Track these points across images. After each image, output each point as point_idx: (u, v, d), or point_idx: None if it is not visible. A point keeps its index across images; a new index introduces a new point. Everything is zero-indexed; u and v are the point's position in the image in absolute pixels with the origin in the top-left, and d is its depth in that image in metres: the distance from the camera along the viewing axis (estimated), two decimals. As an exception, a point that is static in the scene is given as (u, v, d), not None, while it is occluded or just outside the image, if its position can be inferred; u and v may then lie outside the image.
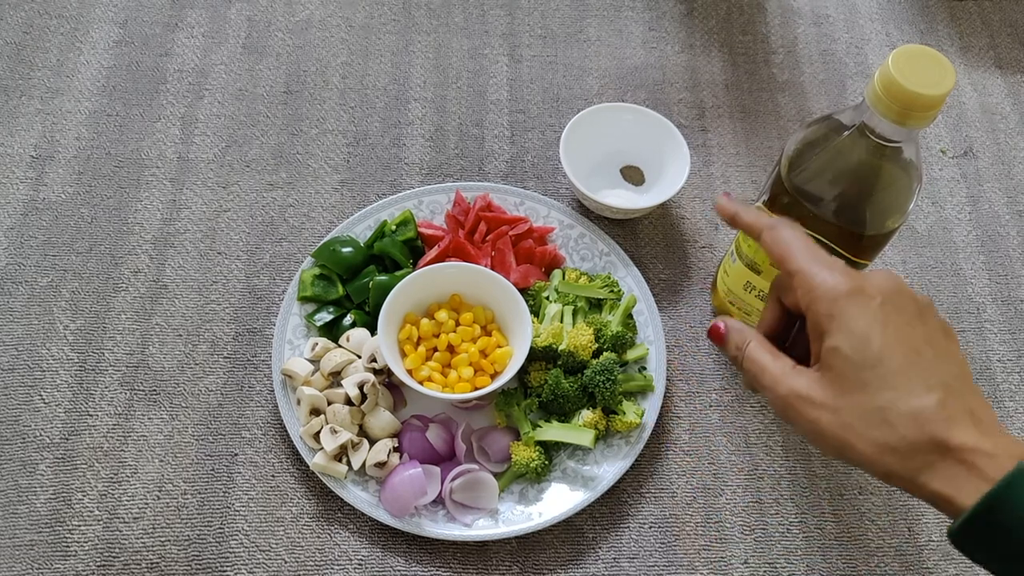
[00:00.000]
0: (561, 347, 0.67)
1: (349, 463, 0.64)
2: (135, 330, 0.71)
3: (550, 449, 0.66)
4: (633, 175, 0.80)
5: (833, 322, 0.38)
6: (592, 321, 0.68)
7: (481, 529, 0.62)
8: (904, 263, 0.78)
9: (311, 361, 0.68)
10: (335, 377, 0.67)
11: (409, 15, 0.91)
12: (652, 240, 0.78)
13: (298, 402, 0.66)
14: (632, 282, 0.73)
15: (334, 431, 0.64)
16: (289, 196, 0.78)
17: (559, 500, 0.64)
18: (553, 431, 0.65)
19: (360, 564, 0.63)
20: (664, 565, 0.64)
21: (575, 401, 0.66)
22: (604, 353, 0.67)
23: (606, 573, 0.63)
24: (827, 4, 0.95)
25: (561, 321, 0.69)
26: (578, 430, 0.65)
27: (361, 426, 0.66)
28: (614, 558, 0.64)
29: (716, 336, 0.45)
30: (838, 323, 0.38)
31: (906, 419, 0.36)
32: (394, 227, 0.74)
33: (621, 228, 0.78)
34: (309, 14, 0.90)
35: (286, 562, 0.63)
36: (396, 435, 0.66)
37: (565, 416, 0.67)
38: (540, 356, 0.68)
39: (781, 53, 0.91)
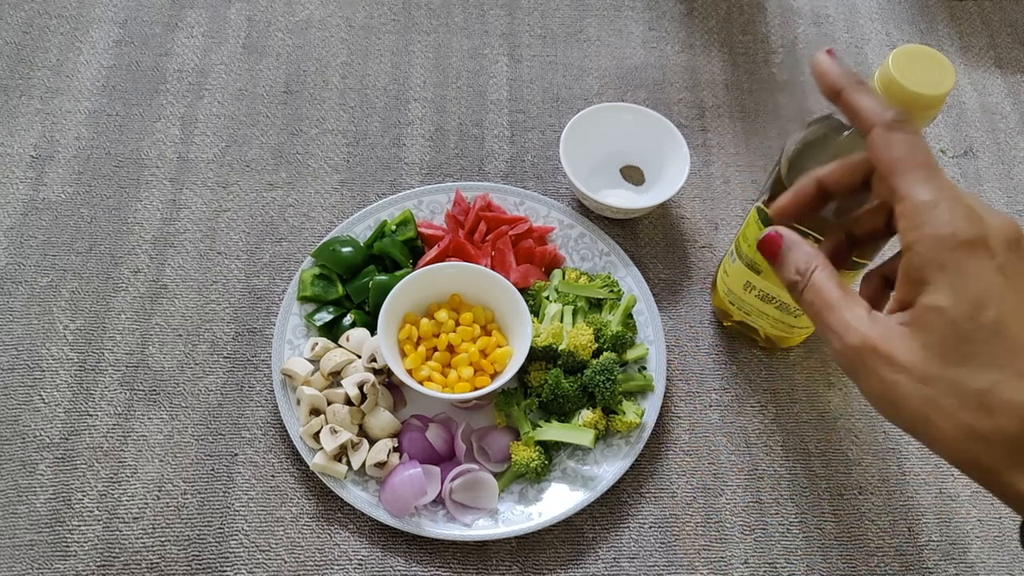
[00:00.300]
0: (561, 347, 0.67)
1: (349, 463, 0.64)
2: (135, 330, 0.71)
3: (550, 449, 0.66)
4: (633, 175, 0.80)
5: (943, 274, 0.31)
6: (592, 321, 0.68)
7: (481, 529, 0.62)
8: (904, 263, 0.78)
9: (311, 361, 0.68)
10: (335, 377, 0.67)
11: (409, 15, 0.91)
12: (652, 240, 0.78)
13: (298, 402, 0.66)
14: (632, 282, 0.72)
15: (334, 431, 0.64)
16: (289, 196, 0.78)
17: (559, 500, 0.64)
18: (553, 431, 0.65)
19: (360, 564, 0.63)
20: (664, 565, 0.64)
21: (575, 401, 0.66)
22: (604, 353, 0.67)
23: (606, 573, 0.63)
24: (827, 4, 0.95)
25: (561, 321, 0.69)
26: (578, 430, 0.65)
27: (361, 426, 0.66)
28: (614, 558, 0.64)
29: (770, 248, 0.37)
30: (949, 277, 0.31)
31: (1011, 408, 0.30)
32: (394, 227, 0.74)
33: (621, 228, 0.78)
34: (309, 14, 0.90)
35: (286, 562, 0.63)
36: (396, 435, 0.66)
37: (565, 416, 0.67)
38: (540, 356, 0.68)
39: (781, 53, 0.91)
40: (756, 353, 0.73)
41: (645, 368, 0.69)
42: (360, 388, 0.65)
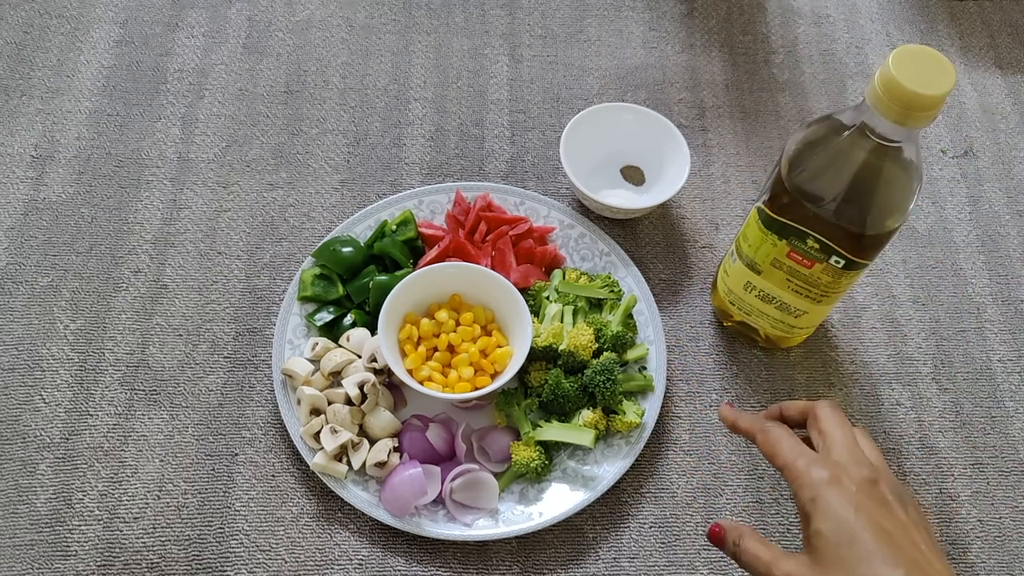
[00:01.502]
0: (561, 347, 0.67)
1: (349, 463, 0.64)
2: (135, 330, 0.71)
3: (550, 449, 0.66)
4: (633, 175, 0.81)
5: (815, 507, 0.45)
6: (592, 321, 0.68)
7: (481, 529, 0.62)
8: (904, 263, 0.78)
9: (311, 361, 0.68)
10: (335, 377, 0.67)
11: (409, 15, 0.91)
12: (652, 240, 0.78)
13: (298, 402, 0.66)
14: (632, 282, 0.73)
15: (334, 431, 0.64)
16: (289, 196, 0.78)
17: (559, 500, 0.64)
18: (553, 431, 0.65)
19: (360, 564, 0.63)
20: (664, 565, 0.64)
21: (575, 401, 0.66)
22: (604, 353, 0.67)
23: (606, 573, 0.63)
24: (827, 4, 0.95)
25: (561, 321, 0.69)
26: (578, 430, 0.65)
27: (361, 426, 0.66)
28: (614, 558, 0.64)
29: (715, 537, 0.51)
30: (820, 508, 0.45)
31: None
32: (394, 227, 0.74)
33: (621, 228, 0.78)
34: (309, 14, 0.90)
35: (286, 562, 0.63)
36: (396, 435, 0.66)
37: (565, 416, 0.67)
38: (540, 356, 0.68)
39: (781, 53, 0.91)
40: (756, 353, 0.73)
41: (645, 368, 0.69)
42: (360, 388, 0.65)
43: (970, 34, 0.93)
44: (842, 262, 0.58)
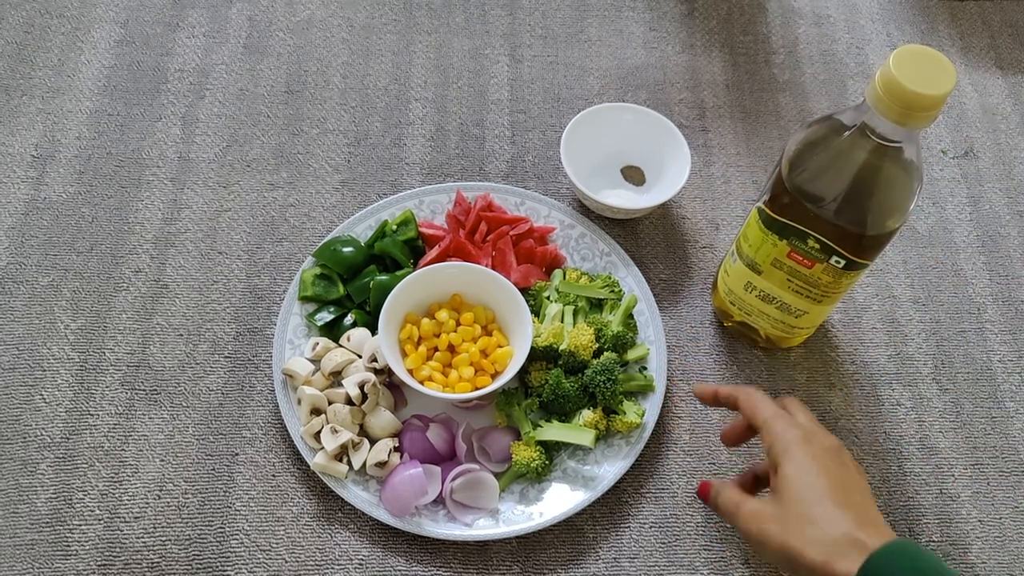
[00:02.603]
0: (562, 347, 0.67)
1: (350, 463, 0.64)
2: (136, 329, 0.71)
3: (551, 449, 0.66)
4: (634, 175, 0.81)
5: (786, 456, 0.52)
6: (593, 321, 0.69)
7: (482, 529, 0.62)
8: (904, 263, 0.78)
9: (312, 361, 0.68)
10: (336, 377, 0.67)
11: (410, 15, 0.91)
12: (653, 240, 0.78)
13: (299, 402, 0.66)
14: (633, 282, 0.73)
15: (335, 431, 0.64)
16: (290, 196, 0.78)
17: (559, 500, 0.64)
18: (554, 431, 0.65)
19: (360, 564, 0.63)
20: (664, 565, 0.64)
21: (576, 401, 0.66)
22: (605, 353, 0.67)
23: (606, 573, 0.63)
24: (828, 4, 0.95)
25: (562, 321, 0.69)
26: (578, 430, 0.65)
27: (362, 426, 0.66)
28: (614, 558, 0.64)
29: (703, 493, 0.58)
30: (790, 457, 0.52)
31: (831, 521, 0.49)
32: (395, 227, 0.74)
33: (622, 228, 0.78)
34: (310, 14, 0.90)
35: (286, 562, 0.63)
36: (396, 435, 0.66)
37: (566, 416, 0.67)
38: (541, 356, 0.68)
39: (782, 53, 0.91)
40: (757, 353, 0.73)
41: (646, 368, 0.69)
42: (361, 388, 0.65)
43: (971, 34, 0.94)
44: (842, 262, 0.58)
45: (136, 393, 0.68)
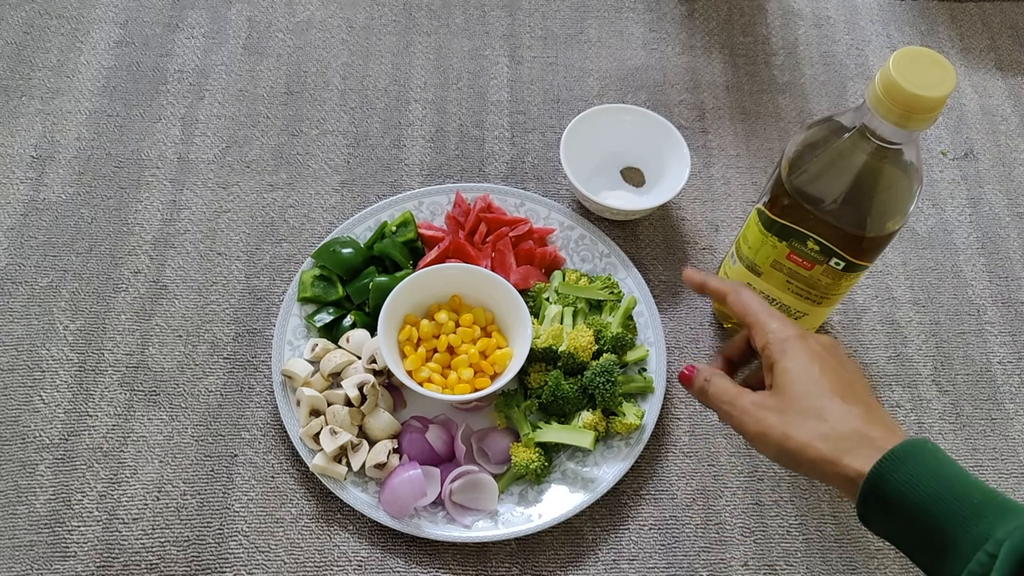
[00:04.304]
0: (561, 348, 0.67)
1: (349, 464, 0.64)
2: (135, 331, 0.71)
3: (550, 450, 0.66)
4: (633, 176, 0.80)
5: (784, 354, 0.49)
6: (592, 322, 0.68)
7: (481, 531, 0.62)
8: (904, 265, 0.78)
9: (311, 362, 0.68)
10: (335, 378, 0.67)
11: (410, 16, 0.91)
12: (652, 242, 0.78)
13: (298, 403, 0.65)
14: (632, 283, 0.72)
15: (334, 432, 0.64)
16: (289, 197, 0.78)
17: (559, 502, 0.64)
18: (553, 432, 0.65)
19: (360, 565, 0.63)
20: (664, 567, 0.64)
21: (575, 402, 0.66)
22: (604, 355, 0.67)
23: (606, 575, 0.63)
24: (828, 6, 0.95)
25: (561, 322, 0.69)
26: (578, 431, 0.65)
27: (361, 427, 0.66)
28: (614, 560, 0.64)
29: (685, 379, 0.55)
30: (789, 354, 0.49)
31: (838, 416, 0.46)
32: (394, 228, 0.74)
33: (621, 229, 0.78)
34: (310, 15, 0.90)
35: (285, 563, 0.63)
36: (396, 436, 0.66)
37: (565, 417, 0.67)
38: (540, 357, 0.67)
39: (782, 55, 0.91)
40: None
41: (645, 370, 0.69)
42: (360, 389, 0.65)
43: (971, 36, 0.93)
44: (842, 264, 0.58)
45: (135, 394, 0.68)
